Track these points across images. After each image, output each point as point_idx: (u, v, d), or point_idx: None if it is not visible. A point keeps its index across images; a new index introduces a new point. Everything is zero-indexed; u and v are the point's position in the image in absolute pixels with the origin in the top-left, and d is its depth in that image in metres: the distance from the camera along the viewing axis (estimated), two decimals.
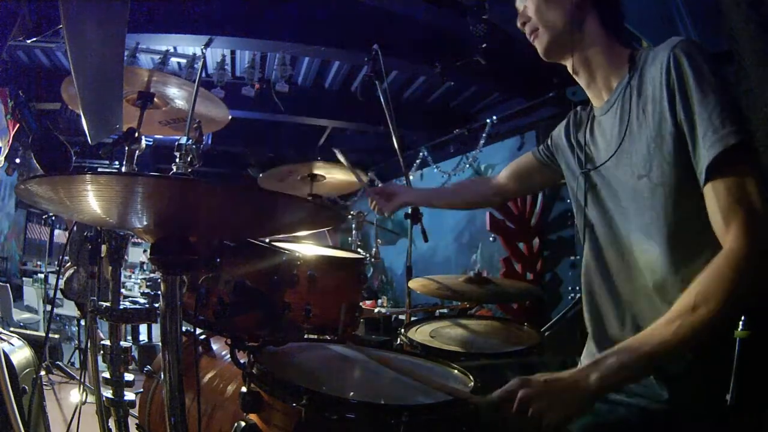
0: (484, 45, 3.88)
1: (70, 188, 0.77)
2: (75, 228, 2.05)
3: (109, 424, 1.66)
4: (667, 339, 0.82)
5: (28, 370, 1.78)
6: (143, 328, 4.87)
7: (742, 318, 0.92)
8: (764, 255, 0.81)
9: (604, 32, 1.08)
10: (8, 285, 5.16)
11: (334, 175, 2.88)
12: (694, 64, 0.90)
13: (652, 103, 0.96)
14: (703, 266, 0.84)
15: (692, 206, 0.90)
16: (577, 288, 3.85)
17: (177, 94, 1.95)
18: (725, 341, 0.94)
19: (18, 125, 4.77)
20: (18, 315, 5.22)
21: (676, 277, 0.93)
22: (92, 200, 0.79)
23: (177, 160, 1.63)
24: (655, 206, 0.96)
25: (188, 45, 4.70)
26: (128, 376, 1.61)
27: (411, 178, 2.65)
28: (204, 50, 2.27)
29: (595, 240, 1.11)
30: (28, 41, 3.76)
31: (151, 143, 6.43)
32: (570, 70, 1.14)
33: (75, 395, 2.50)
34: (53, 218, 5.33)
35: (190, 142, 1.64)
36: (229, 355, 1.17)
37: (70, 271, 3.01)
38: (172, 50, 4.87)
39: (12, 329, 3.75)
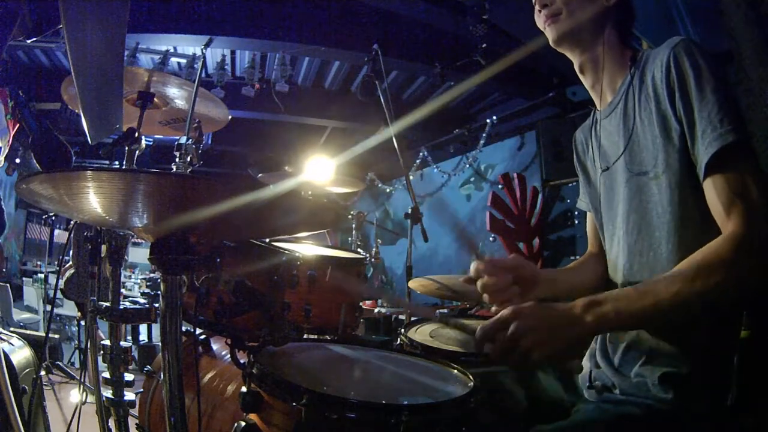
0: (484, 45, 3.89)
1: (71, 186, 0.77)
2: (76, 229, 2.05)
3: (109, 424, 1.66)
4: (664, 299, 0.83)
5: (28, 370, 1.78)
6: (143, 328, 4.87)
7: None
8: (763, 246, 0.83)
9: (617, 36, 1.09)
10: (8, 285, 5.16)
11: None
12: (694, 62, 0.92)
13: (655, 102, 0.98)
14: None
15: (697, 201, 0.92)
16: None
17: (177, 94, 1.95)
18: (726, 341, 0.94)
19: (18, 125, 4.77)
20: (18, 315, 5.22)
21: None
22: (93, 198, 0.78)
23: (177, 159, 1.63)
24: (662, 203, 0.97)
25: (188, 45, 4.70)
26: (128, 376, 1.61)
27: (411, 178, 2.65)
28: (204, 50, 2.27)
29: (610, 241, 1.12)
30: (28, 41, 3.76)
31: (151, 143, 6.43)
32: (576, 67, 1.15)
33: (75, 395, 2.51)
34: (53, 218, 5.33)
35: (190, 141, 1.64)
36: (229, 355, 1.17)
37: (71, 271, 3.02)
38: (172, 50, 4.87)
39: (12, 329, 3.75)
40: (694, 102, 0.91)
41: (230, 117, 2.13)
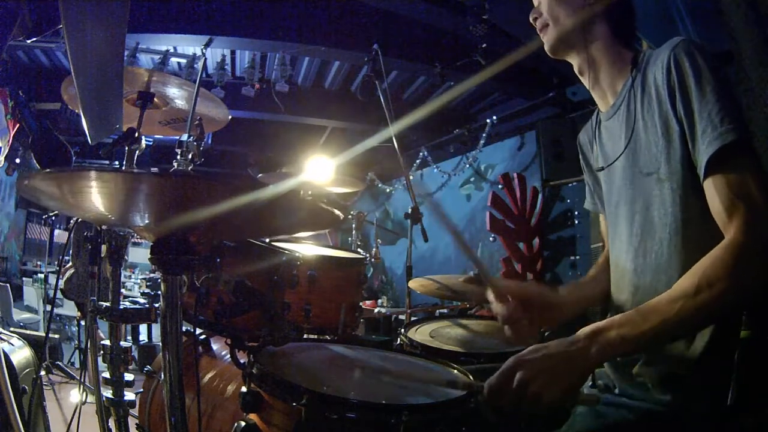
0: (484, 45, 3.89)
1: (73, 185, 0.77)
2: (76, 229, 2.05)
3: (109, 424, 1.66)
4: (668, 318, 0.82)
5: (28, 370, 1.78)
6: (143, 328, 4.87)
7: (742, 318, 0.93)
8: (765, 249, 0.83)
9: (612, 36, 1.09)
10: (8, 285, 5.15)
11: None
12: (693, 63, 0.91)
13: (657, 103, 0.98)
14: None
15: (700, 203, 0.91)
16: None
17: (177, 94, 1.95)
18: (726, 341, 0.94)
19: (18, 125, 4.78)
20: (18, 315, 5.22)
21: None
22: (95, 197, 0.78)
23: (178, 156, 1.63)
24: (665, 204, 0.97)
25: (188, 45, 4.70)
26: (128, 376, 1.61)
27: (411, 178, 2.64)
28: (204, 50, 2.28)
29: (615, 242, 1.12)
30: (28, 41, 3.76)
31: (150, 143, 6.43)
32: (576, 70, 1.16)
33: (75, 395, 2.50)
34: (53, 218, 5.32)
35: (191, 139, 1.64)
36: (229, 355, 1.17)
37: (71, 272, 3.02)
38: (172, 50, 4.87)
39: (12, 329, 3.75)
40: (694, 102, 0.90)
41: (230, 117, 2.13)
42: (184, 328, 0.96)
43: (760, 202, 0.84)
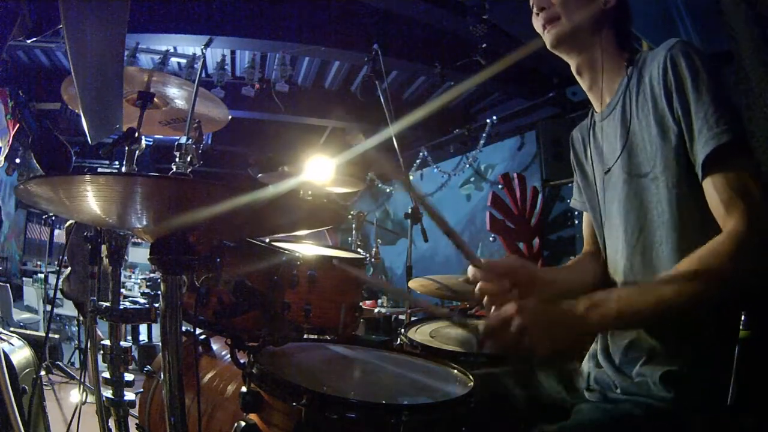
0: (484, 45, 3.89)
1: (70, 189, 0.77)
2: (74, 230, 2.05)
3: (109, 424, 1.66)
4: (665, 298, 0.84)
5: (28, 370, 1.78)
6: (143, 328, 4.87)
7: (743, 318, 0.93)
8: (763, 242, 0.84)
9: (615, 40, 1.10)
10: (8, 285, 5.15)
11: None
12: (690, 64, 0.93)
13: (653, 103, 0.98)
14: None
15: (697, 201, 0.92)
16: None
17: (177, 94, 1.95)
18: (726, 341, 0.94)
19: (18, 125, 4.78)
20: (18, 315, 5.21)
21: None
22: (92, 200, 0.79)
23: (177, 159, 1.63)
24: (661, 202, 0.98)
25: (188, 45, 4.70)
26: (128, 376, 1.61)
27: (411, 178, 2.65)
28: (204, 50, 2.28)
29: (609, 241, 1.12)
30: (28, 41, 3.76)
31: (150, 143, 6.43)
32: (573, 70, 1.15)
33: (75, 395, 2.51)
34: (53, 218, 5.33)
35: (190, 141, 1.64)
36: (229, 355, 1.17)
37: (68, 271, 3.02)
38: (172, 50, 4.87)
39: (12, 329, 3.75)
40: (691, 103, 0.92)
41: (230, 117, 2.13)
42: (184, 328, 0.96)
43: (758, 198, 0.86)
